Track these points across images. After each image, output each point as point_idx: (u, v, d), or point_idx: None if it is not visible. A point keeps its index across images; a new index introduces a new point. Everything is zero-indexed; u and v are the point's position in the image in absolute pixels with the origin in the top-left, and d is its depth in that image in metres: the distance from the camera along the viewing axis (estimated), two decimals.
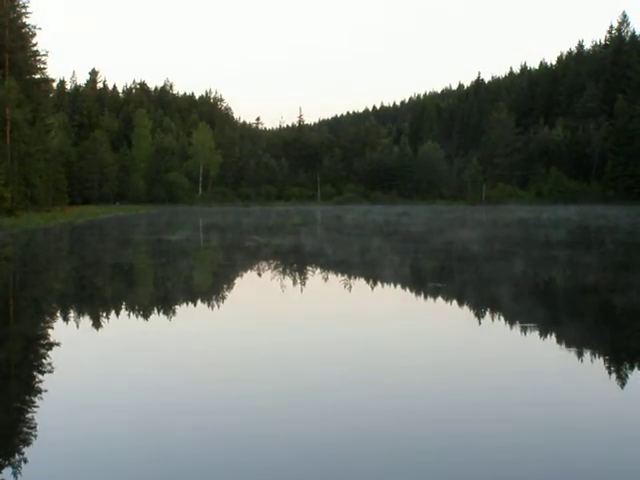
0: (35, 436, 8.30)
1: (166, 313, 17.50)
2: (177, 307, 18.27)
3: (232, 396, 9.93)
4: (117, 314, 17.41)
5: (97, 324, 15.91)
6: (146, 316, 17.09)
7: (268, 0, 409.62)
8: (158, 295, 21.35)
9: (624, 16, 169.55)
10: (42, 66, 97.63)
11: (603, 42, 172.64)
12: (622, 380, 10.68)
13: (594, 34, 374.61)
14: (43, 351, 13.10)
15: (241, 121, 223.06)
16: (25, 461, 7.59)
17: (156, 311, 17.93)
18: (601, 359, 12.23)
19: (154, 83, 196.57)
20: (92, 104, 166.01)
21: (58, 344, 13.56)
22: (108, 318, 16.79)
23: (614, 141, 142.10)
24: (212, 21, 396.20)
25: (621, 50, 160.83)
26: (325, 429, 8.50)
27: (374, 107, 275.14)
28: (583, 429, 8.53)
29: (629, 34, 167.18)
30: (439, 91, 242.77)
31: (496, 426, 8.61)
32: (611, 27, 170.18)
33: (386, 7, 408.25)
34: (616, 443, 8.05)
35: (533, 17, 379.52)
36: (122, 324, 15.94)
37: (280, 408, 9.24)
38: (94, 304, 19.26)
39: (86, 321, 16.43)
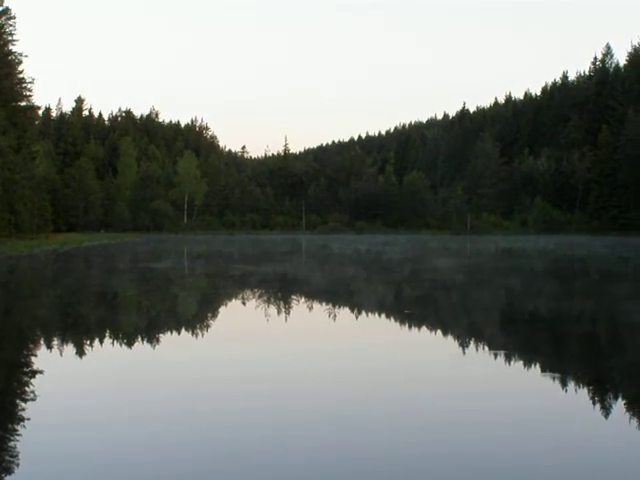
0: (17, 465, 8.30)
1: (148, 341, 17.48)
2: (160, 335, 18.26)
3: (211, 428, 9.92)
4: (100, 342, 17.34)
5: (79, 352, 15.91)
6: (129, 344, 17.10)
7: (253, 30, 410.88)
8: (141, 323, 21.36)
9: (608, 48, 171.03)
10: (28, 93, 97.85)
11: (587, 73, 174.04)
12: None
13: (578, 65, 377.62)
14: (26, 379, 13.10)
15: (226, 149, 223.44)
16: None
17: (138, 339, 17.91)
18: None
19: (140, 111, 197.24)
20: (78, 132, 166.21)
21: (41, 372, 13.55)
22: (91, 346, 16.75)
23: (598, 172, 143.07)
24: (198, 50, 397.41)
25: (605, 81, 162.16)
26: (301, 463, 8.56)
27: (359, 136, 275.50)
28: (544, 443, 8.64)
29: (613, 65, 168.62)
30: (424, 121, 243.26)
31: (463, 448, 8.69)
32: (595, 58, 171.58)
33: (371, 37, 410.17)
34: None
35: (518, 48, 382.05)
36: (105, 352, 15.88)
37: (259, 440, 9.29)
38: (77, 332, 19.24)
39: (68, 349, 16.41)
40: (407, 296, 27.90)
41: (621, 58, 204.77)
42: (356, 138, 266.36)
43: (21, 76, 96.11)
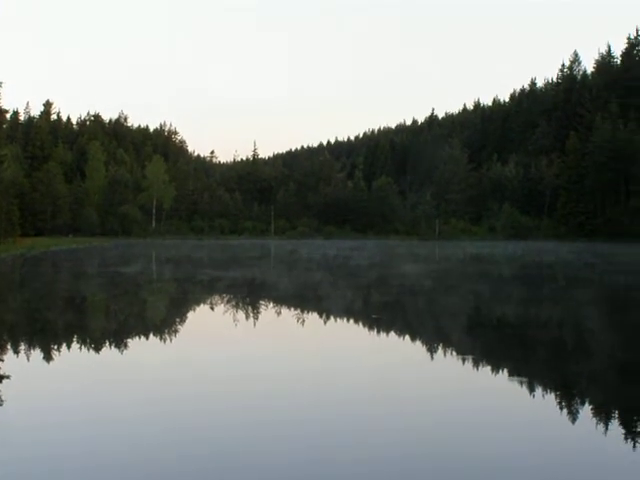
0: None
1: (115, 345, 17.46)
2: (126, 339, 18.26)
3: (180, 432, 9.99)
4: (68, 347, 17.34)
5: (47, 356, 15.89)
6: (96, 348, 17.06)
7: (221, 37, 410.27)
8: (108, 328, 21.34)
9: (575, 55, 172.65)
10: None
11: (555, 80, 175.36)
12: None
13: (546, 72, 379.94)
14: None
15: (195, 154, 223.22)
16: None
17: (105, 344, 17.89)
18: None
19: (108, 115, 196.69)
20: (46, 136, 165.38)
21: (7, 377, 13.56)
22: (59, 351, 16.76)
23: (566, 178, 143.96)
24: (167, 55, 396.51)
25: (573, 88, 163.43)
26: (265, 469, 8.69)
27: (328, 142, 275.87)
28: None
29: (580, 72, 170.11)
30: (393, 126, 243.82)
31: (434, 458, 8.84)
32: (563, 65, 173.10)
33: (340, 43, 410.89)
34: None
35: (486, 54, 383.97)
36: (73, 356, 15.88)
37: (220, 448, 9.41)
38: (43, 336, 19.21)
39: (35, 353, 16.40)
40: (374, 301, 28.06)
41: (589, 65, 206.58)
42: (325, 143, 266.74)
43: None
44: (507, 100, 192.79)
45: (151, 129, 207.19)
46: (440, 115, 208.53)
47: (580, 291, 33.66)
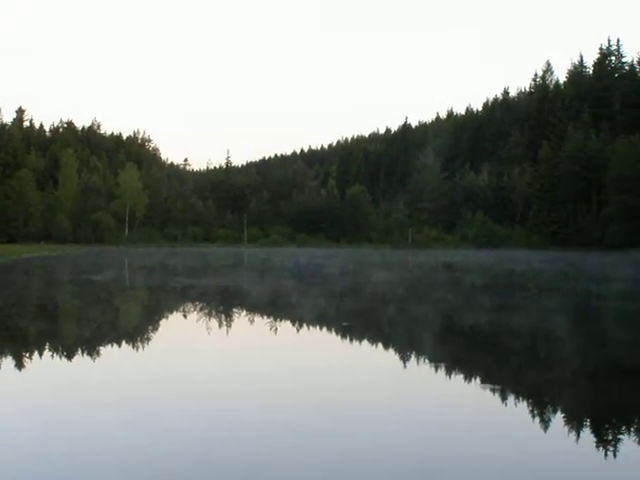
0: None
1: (88, 353, 17.38)
2: (97, 347, 18.22)
3: (149, 447, 10.02)
4: (40, 354, 17.28)
5: (18, 364, 15.88)
6: (68, 357, 17.00)
7: (195, 42, 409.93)
8: (79, 335, 21.32)
9: (548, 65, 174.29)
10: None
11: (528, 90, 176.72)
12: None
13: (519, 82, 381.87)
14: None
15: (168, 162, 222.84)
16: None
17: (76, 352, 17.86)
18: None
19: (81, 123, 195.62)
20: (18, 143, 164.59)
21: None
22: (30, 358, 16.73)
23: (538, 187, 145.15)
24: (140, 62, 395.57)
25: (545, 98, 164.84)
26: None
27: (302, 150, 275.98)
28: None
29: (553, 82, 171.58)
30: (366, 135, 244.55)
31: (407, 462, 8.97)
32: (536, 75, 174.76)
33: (315, 50, 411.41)
34: None
35: (459, 63, 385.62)
36: (43, 365, 15.81)
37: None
38: (14, 344, 19.16)
39: (3, 361, 16.38)
40: (345, 309, 28.19)
41: (561, 75, 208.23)
42: (299, 152, 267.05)
43: None
44: (480, 109, 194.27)
45: (124, 136, 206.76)
46: (413, 124, 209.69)
47: (546, 300, 33.90)
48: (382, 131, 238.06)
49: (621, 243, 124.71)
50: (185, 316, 25.70)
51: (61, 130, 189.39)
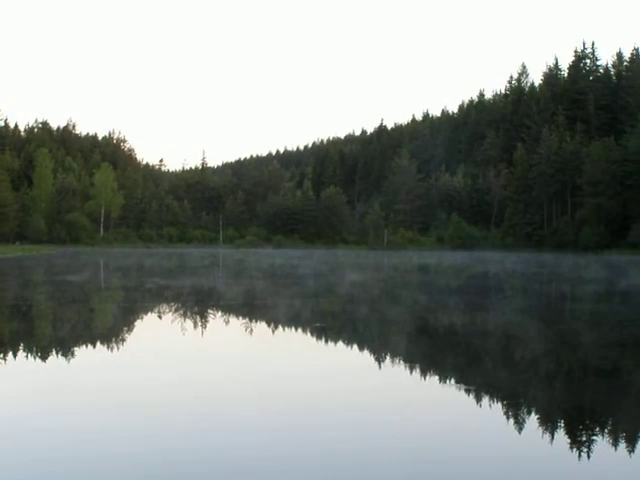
0: None
1: (63, 354, 17.43)
2: (71, 349, 18.28)
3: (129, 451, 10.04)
4: (14, 355, 17.35)
5: None
6: (42, 357, 17.03)
7: (170, 42, 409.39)
8: (53, 336, 21.36)
9: (523, 67, 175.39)
10: None
11: (503, 92, 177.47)
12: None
13: (495, 84, 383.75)
14: None
15: (144, 162, 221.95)
16: None
17: (50, 353, 17.90)
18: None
19: (56, 123, 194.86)
20: None
21: None
22: (4, 359, 16.74)
23: (513, 189, 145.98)
24: (115, 61, 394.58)
25: (520, 100, 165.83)
26: None
27: (277, 151, 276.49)
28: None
29: (528, 84, 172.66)
30: (342, 136, 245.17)
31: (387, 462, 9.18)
32: (511, 77, 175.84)
33: (290, 52, 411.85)
34: None
35: (435, 65, 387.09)
36: (15, 366, 15.90)
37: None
38: None
39: None
40: (318, 310, 28.39)
41: (536, 78, 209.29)
42: (274, 153, 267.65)
43: None
44: (456, 111, 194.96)
45: (100, 137, 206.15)
46: (389, 126, 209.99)
47: (516, 300, 34.24)
48: (358, 133, 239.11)
49: (595, 245, 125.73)
50: (160, 317, 25.74)
51: (36, 130, 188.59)
